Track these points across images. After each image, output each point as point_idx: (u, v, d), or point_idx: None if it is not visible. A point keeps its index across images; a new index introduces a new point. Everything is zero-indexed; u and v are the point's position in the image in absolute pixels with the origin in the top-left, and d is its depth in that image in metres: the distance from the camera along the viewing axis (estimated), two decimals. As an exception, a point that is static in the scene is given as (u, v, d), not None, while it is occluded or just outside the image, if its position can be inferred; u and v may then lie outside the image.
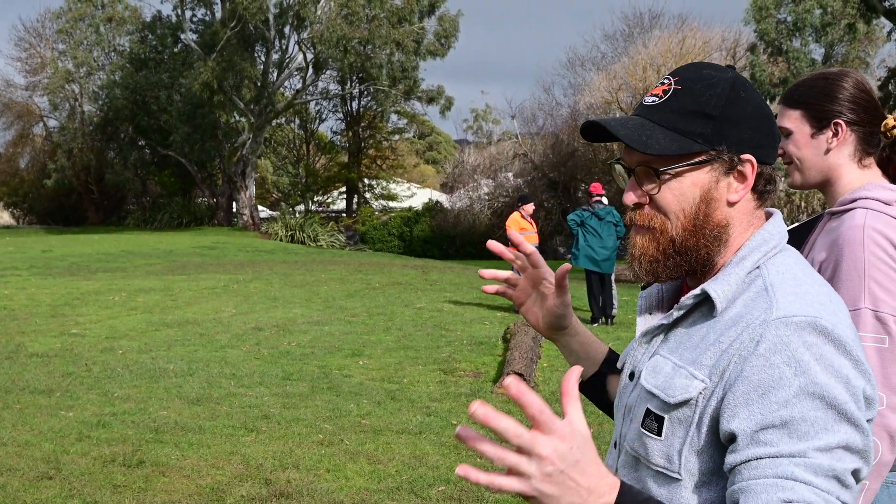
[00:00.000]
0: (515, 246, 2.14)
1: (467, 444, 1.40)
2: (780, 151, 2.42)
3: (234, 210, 49.03)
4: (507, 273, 2.20)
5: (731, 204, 1.76)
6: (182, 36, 46.65)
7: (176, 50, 47.33)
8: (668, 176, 1.76)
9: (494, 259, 39.43)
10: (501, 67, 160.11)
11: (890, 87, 31.29)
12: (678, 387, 1.68)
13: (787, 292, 1.65)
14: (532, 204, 16.38)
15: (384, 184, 59.15)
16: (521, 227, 15.85)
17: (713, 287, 1.71)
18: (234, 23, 43.40)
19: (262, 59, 47.09)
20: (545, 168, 44.95)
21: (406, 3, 44.83)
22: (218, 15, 46.58)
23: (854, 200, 2.69)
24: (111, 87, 46.91)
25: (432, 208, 47.32)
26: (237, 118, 48.24)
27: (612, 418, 2.03)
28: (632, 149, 1.77)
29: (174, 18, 47.34)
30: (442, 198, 50.87)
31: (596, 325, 14.87)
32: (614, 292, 15.37)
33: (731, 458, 1.58)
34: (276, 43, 46.76)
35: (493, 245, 2.11)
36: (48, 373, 10.72)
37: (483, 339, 13.05)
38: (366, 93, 53.43)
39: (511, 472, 1.41)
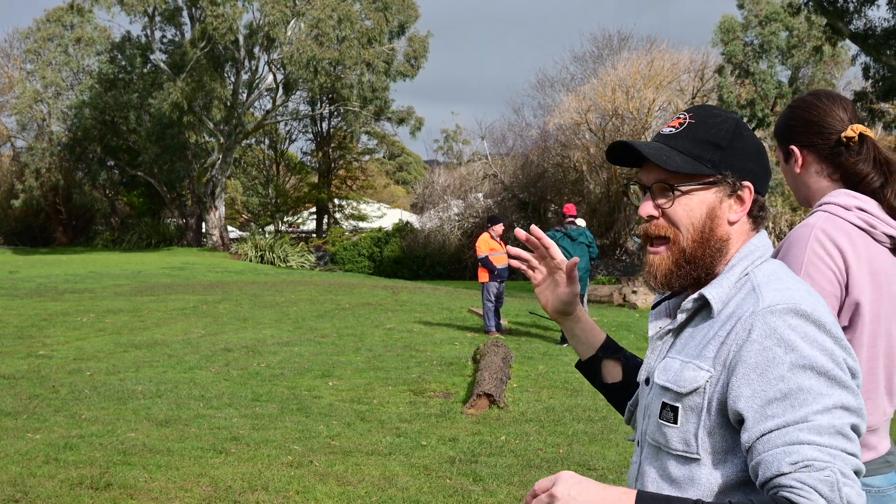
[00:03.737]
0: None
1: None
2: None
3: (204, 230, 48.85)
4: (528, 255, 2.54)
5: (731, 223, 2.06)
6: (151, 56, 46.53)
7: (145, 70, 47.17)
8: (680, 192, 2.06)
9: (465, 280, 39.46)
10: (471, 88, 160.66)
11: (856, 110, 31.53)
12: (688, 378, 1.95)
13: (771, 288, 1.94)
14: (502, 224, 16.38)
15: (354, 204, 59.14)
16: (491, 248, 15.87)
17: (709, 291, 2.00)
18: (203, 43, 43.38)
19: (232, 79, 47.04)
20: (515, 188, 45.10)
21: (376, 24, 44.96)
22: (188, 35, 46.53)
23: (820, 206, 2.83)
24: (80, 108, 46.67)
25: (402, 229, 47.33)
26: (207, 138, 48.14)
27: (606, 397, 2.51)
28: (650, 168, 2.09)
29: (143, 39, 47.21)
30: (412, 218, 50.91)
31: (566, 345, 14.90)
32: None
33: (745, 437, 1.84)
34: (247, 63, 46.77)
35: (525, 233, 2.50)
36: (14, 395, 10.63)
37: (453, 360, 13.06)
38: (336, 113, 53.47)
39: None
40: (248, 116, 48.67)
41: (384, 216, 58.37)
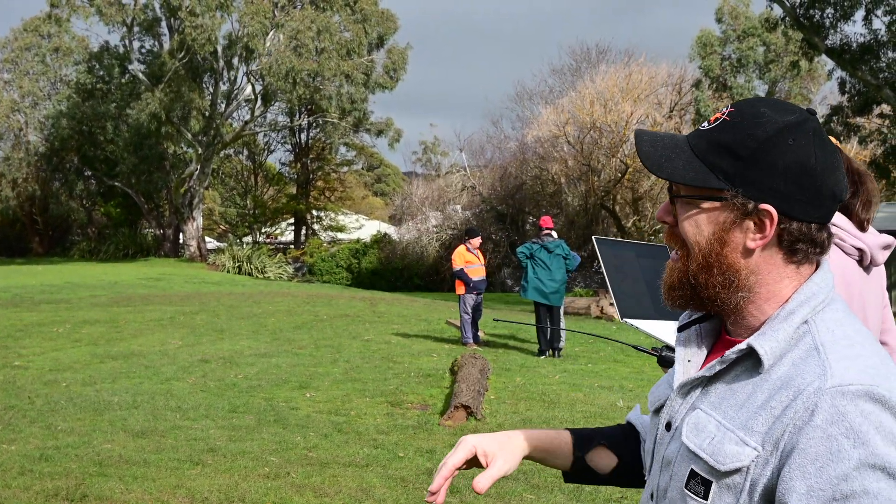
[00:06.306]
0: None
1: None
2: None
3: (181, 241, 48.74)
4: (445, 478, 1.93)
5: (748, 251, 1.66)
6: (129, 66, 46.44)
7: (123, 80, 47.08)
8: (680, 203, 1.71)
9: (442, 291, 39.46)
10: (450, 100, 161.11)
11: (832, 125, 31.89)
12: (728, 453, 1.59)
13: (840, 356, 1.57)
14: (479, 238, 16.41)
15: (332, 215, 59.16)
16: (467, 260, 15.89)
17: (760, 343, 1.62)
18: (182, 54, 43.34)
19: (211, 90, 47.02)
20: (493, 200, 45.21)
21: (355, 36, 45.05)
22: (166, 45, 46.46)
23: None
24: (57, 118, 46.53)
25: (380, 240, 47.33)
26: (185, 149, 48.08)
27: (617, 484, 2.07)
28: None
29: (122, 49, 47.11)
30: (390, 230, 50.96)
31: (543, 356, 14.93)
32: (562, 325, 15.43)
33: None
34: (225, 74, 46.76)
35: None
36: (-10, 406, 10.57)
37: (430, 372, 13.06)
38: (315, 125, 53.49)
39: None
40: (227, 127, 48.63)
41: (362, 227, 58.38)
